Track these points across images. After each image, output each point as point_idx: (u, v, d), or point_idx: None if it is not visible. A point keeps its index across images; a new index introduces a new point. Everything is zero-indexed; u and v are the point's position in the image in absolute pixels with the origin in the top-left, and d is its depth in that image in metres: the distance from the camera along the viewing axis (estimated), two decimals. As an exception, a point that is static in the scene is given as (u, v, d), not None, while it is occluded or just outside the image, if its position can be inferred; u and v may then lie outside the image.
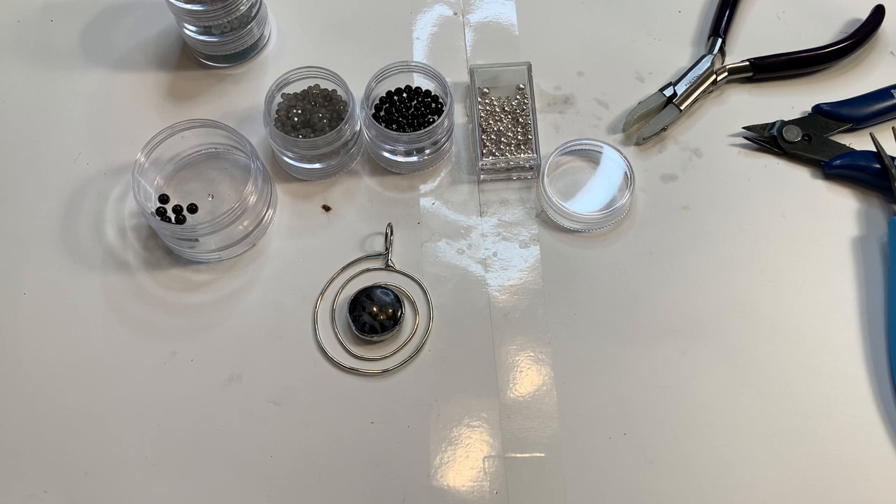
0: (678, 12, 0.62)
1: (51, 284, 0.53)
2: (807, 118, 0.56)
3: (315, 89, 0.55)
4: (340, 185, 0.55)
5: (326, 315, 0.52)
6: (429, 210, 0.55)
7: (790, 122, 0.56)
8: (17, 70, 0.60)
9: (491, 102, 0.56)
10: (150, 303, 0.52)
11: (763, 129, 0.56)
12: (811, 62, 0.58)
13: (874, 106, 0.56)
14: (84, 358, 0.50)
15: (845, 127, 0.56)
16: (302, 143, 0.52)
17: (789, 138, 0.55)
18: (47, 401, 0.49)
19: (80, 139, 0.57)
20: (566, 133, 0.57)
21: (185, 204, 0.54)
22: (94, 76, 0.60)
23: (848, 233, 0.53)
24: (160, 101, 0.58)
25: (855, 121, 0.56)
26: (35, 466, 0.48)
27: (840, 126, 0.56)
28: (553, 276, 0.52)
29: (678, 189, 0.55)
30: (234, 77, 0.59)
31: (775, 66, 0.58)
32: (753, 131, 0.56)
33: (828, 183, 0.55)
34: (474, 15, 0.62)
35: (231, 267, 0.53)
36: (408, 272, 0.53)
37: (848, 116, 0.56)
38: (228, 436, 0.48)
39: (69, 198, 0.55)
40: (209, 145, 0.55)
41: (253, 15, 0.57)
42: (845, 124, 0.56)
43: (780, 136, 0.55)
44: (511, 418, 0.48)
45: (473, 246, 0.53)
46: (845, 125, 0.56)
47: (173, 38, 0.61)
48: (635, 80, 0.59)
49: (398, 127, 0.54)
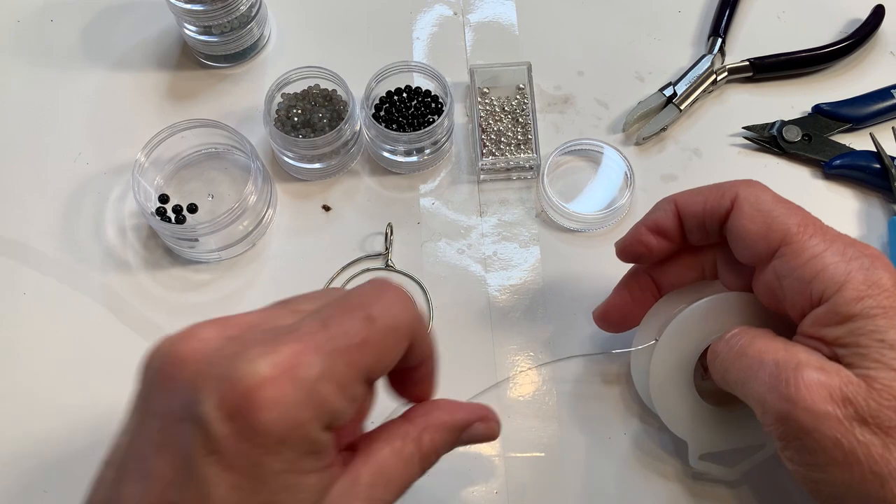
0: (678, 12, 0.62)
1: (50, 284, 0.53)
2: (806, 118, 0.56)
3: (315, 89, 0.55)
4: (340, 185, 0.55)
5: (326, 315, 0.52)
6: (429, 210, 0.55)
7: (790, 122, 0.56)
8: (17, 70, 0.60)
9: (491, 102, 0.56)
10: (150, 302, 0.52)
11: (763, 129, 0.56)
12: (811, 62, 0.58)
13: (874, 106, 0.56)
14: (84, 358, 0.50)
15: (845, 127, 0.56)
16: (302, 143, 0.52)
17: (789, 138, 0.55)
18: (47, 401, 0.49)
19: (79, 139, 0.57)
20: (566, 133, 0.57)
21: (185, 204, 0.54)
22: (93, 76, 0.60)
23: (848, 232, 0.53)
24: (160, 101, 0.58)
25: (855, 121, 0.56)
26: (35, 466, 0.48)
27: (840, 126, 0.56)
28: (553, 276, 0.52)
29: (678, 189, 0.54)
30: (234, 77, 0.59)
31: (775, 65, 0.58)
32: (753, 131, 0.56)
33: (828, 183, 0.55)
34: (474, 15, 0.62)
35: (231, 267, 0.53)
36: (408, 272, 0.53)
37: (848, 116, 0.56)
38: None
39: (69, 197, 0.55)
40: (209, 145, 0.55)
41: (253, 15, 0.57)
42: (845, 124, 0.56)
43: (780, 135, 0.55)
44: (511, 418, 0.48)
45: (473, 246, 0.53)
46: (845, 125, 0.56)
47: (173, 38, 0.61)
48: (635, 79, 0.59)
49: (398, 127, 0.54)
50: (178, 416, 0.29)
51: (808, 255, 0.37)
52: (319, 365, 0.29)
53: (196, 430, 0.28)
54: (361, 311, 0.31)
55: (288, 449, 0.29)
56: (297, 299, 0.34)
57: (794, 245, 0.37)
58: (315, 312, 0.31)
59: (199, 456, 0.28)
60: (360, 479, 0.32)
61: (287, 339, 0.29)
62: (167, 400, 0.29)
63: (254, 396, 0.28)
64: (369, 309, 0.31)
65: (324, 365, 0.29)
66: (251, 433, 0.28)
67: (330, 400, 0.29)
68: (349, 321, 0.30)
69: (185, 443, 0.28)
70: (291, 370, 0.28)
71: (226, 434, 0.28)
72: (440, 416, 0.36)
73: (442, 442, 0.36)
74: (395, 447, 0.34)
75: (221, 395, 0.28)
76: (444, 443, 0.36)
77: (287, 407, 0.28)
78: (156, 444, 0.29)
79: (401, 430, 0.35)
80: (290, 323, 0.31)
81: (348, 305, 0.31)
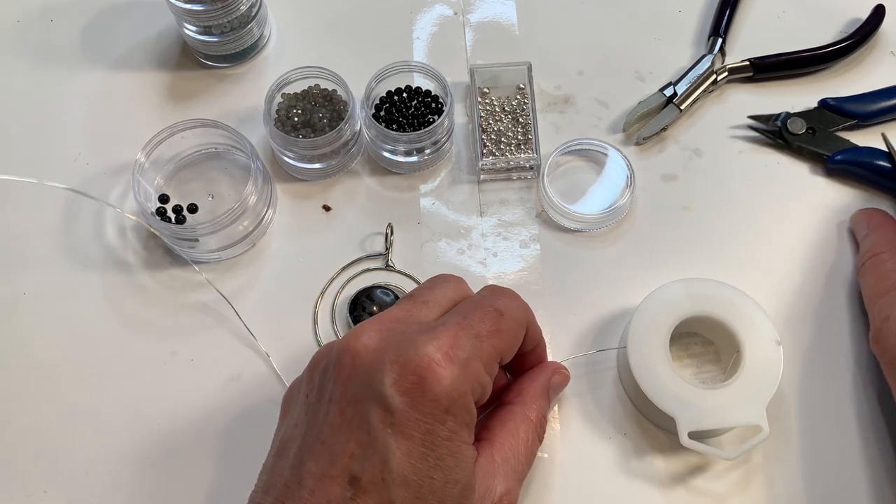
0: (678, 12, 0.62)
1: (50, 284, 0.53)
2: (812, 112, 0.56)
3: (315, 89, 0.55)
4: (340, 185, 0.55)
5: (326, 315, 0.52)
6: (429, 210, 0.55)
7: (795, 114, 0.56)
8: (17, 70, 0.60)
9: (491, 102, 0.56)
10: (150, 302, 0.52)
11: (768, 119, 0.56)
12: (811, 62, 0.58)
13: (881, 103, 0.56)
14: (83, 358, 0.50)
15: (850, 123, 0.55)
16: (302, 143, 0.52)
17: (794, 130, 0.55)
18: (47, 401, 0.49)
19: (79, 139, 0.57)
20: (566, 133, 0.57)
21: (185, 204, 0.54)
22: (93, 76, 0.60)
23: (846, 231, 0.53)
24: (160, 101, 0.58)
25: (860, 117, 0.55)
26: (35, 466, 0.48)
27: (845, 122, 0.55)
28: (553, 276, 0.52)
29: (678, 189, 0.55)
30: (234, 77, 0.59)
31: (775, 65, 0.58)
32: (759, 121, 0.56)
33: (830, 181, 0.55)
34: (474, 15, 0.62)
35: (231, 267, 0.53)
36: (408, 272, 0.53)
37: (854, 112, 0.55)
38: (228, 436, 0.48)
39: (69, 197, 0.55)
40: (209, 145, 0.55)
41: (253, 15, 0.57)
42: (850, 120, 0.55)
43: (785, 127, 0.55)
44: (511, 418, 0.48)
45: (473, 246, 0.53)
46: (850, 121, 0.55)
47: (173, 38, 0.61)
48: (635, 79, 0.59)
49: (398, 127, 0.54)
50: (358, 398, 0.35)
51: None
52: (470, 347, 0.36)
53: (377, 406, 0.34)
54: (491, 306, 0.39)
55: (452, 417, 0.35)
56: (421, 291, 0.41)
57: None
58: (453, 311, 0.39)
59: (380, 429, 0.34)
60: (493, 458, 0.38)
61: (442, 329, 0.36)
62: (344, 388, 0.35)
63: (425, 373, 0.34)
64: (496, 304, 0.39)
65: (473, 347, 0.36)
66: (424, 404, 0.34)
67: (479, 374, 0.36)
68: (484, 314, 0.38)
69: (367, 419, 0.34)
70: (451, 350, 0.35)
71: (402, 407, 0.34)
72: (533, 388, 0.43)
73: (542, 407, 0.42)
74: (509, 428, 0.40)
75: (397, 375, 0.34)
76: (543, 407, 0.43)
77: (451, 380, 0.35)
78: (337, 426, 0.35)
79: (510, 413, 0.41)
80: (427, 312, 0.39)
81: (479, 303, 0.39)
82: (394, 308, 0.39)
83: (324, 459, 0.34)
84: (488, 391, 0.37)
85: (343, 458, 0.34)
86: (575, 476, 0.47)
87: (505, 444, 0.39)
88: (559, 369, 0.45)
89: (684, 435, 0.43)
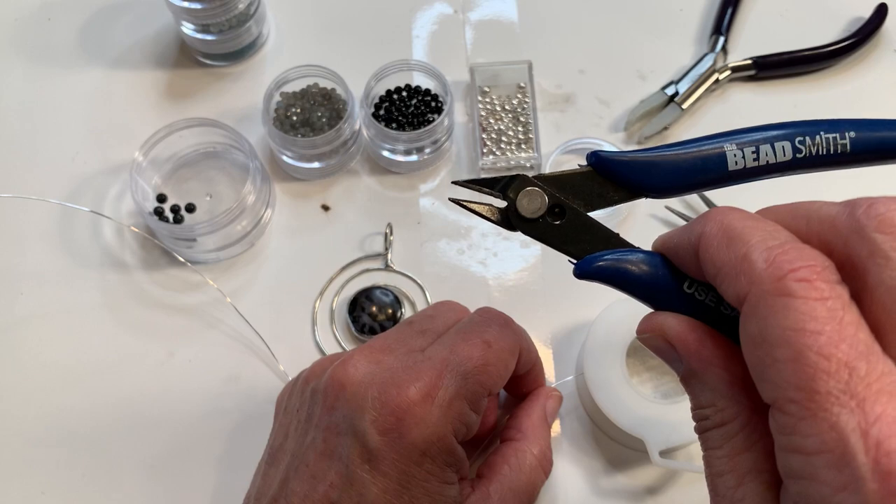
0: (680, 10, 0.61)
1: (48, 284, 0.52)
2: (576, 175, 0.31)
3: (314, 88, 0.55)
4: (339, 185, 0.55)
5: (325, 315, 0.51)
6: (429, 210, 0.54)
7: (538, 178, 0.31)
8: (15, 68, 0.60)
9: (491, 101, 0.56)
10: (149, 303, 0.52)
11: (487, 184, 0.31)
12: (814, 60, 0.58)
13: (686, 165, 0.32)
14: (82, 358, 0.50)
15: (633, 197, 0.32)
16: (300, 143, 0.52)
17: (525, 212, 0.31)
18: (45, 401, 0.49)
19: (77, 138, 0.57)
20: (567, 132, 0.56)
21: (183, 203, 0.54)
22: (91, 75, 0.59)
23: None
24: (158, 100, 0.58)
25: (653, 189, 0.32)
26: (33, 467, 0.47)
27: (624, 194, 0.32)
28: (553, 277, 0.52)
29: (680, 188, 0.54)
30: (233, 75, 0.59)
31: (778, 64, 0.58)
32: (471, 187, 0.32)
33: (831, 182, 0.54)
34: (475, 13, 0.61)
35: (229, 267, 0.53)
36: (407, 272, 0.52)
37: (640, 181, 0.32)
38: (228, 436, 0.48)
39: (67, 197, 0.55)
40: (207, 144, 0.55)
41: (251, 13, 0.57)
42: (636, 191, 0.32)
43: (512, 205, 0.31)
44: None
45: (474, 246, 0.53)
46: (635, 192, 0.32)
47: (171, 37, 0.60)
48: (637, 78, 0.58)
49: (398, 126, 0.54)
50: (340, 430, 0.35)
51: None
52: (454, 387, 0.35)
53: (355, 441, 0.34)
54: (479, 337, 0.37)
55: (429, 460, 0.35)
56: (419, 319, 0.40)
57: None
58: (440, 341, 0.38)
59: (357, 464, 0.34)
60: (489, 495, 0.38)
61: (426, 366, 0.36)
62: (330, 417, 0.36)
63: (403, 416, 0.34)
64: (485, 336, 0.37)
65: (457, 386, 0.35)
66: (401, 446, 0.34)
67: (463, 413, 0.36)
68: (471, 347, 0.37)
69: (346, 452, 0.35)
70: (433, 391, 0.35)
71: (379, 446, 0.34)
72: (531, 421, 0.42)
73: (543, 439, 0.42)
74: (511, 464, 0.40)
75: (377, 413, 0.34)
76: (544, 438, 0.42)
77: (429, 424, 0.34)
78: (320, 452, 0.35)
79: (512, 448, 0.41)
80: (420, 343, 0.38)
81: (467, 334, 0.38)
82: (390, 332, 0.39)
83: (307, 482, 0.35)
84: (474, 427, 0.37)
85: (324, 484, 0.35)
86: (575, 476, 0.46)
87: (504, 479, 0.39)
88: (551, 394, 0.44)
89: (655, 455, 0.42)
